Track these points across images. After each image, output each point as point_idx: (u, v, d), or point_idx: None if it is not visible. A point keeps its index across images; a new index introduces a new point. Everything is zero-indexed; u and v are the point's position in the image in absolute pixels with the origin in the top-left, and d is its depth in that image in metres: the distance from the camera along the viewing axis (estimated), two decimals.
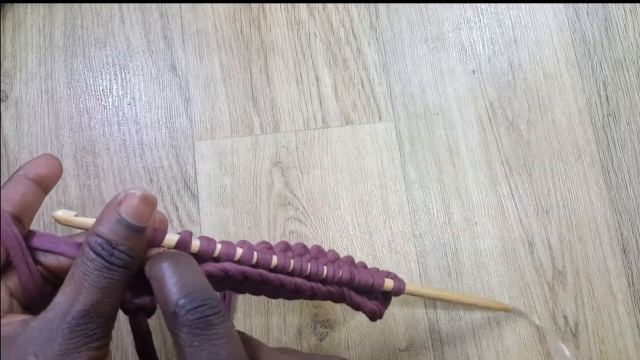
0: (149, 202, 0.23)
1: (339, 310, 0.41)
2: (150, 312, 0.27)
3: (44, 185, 0.25)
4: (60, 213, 0.24)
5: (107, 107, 0.44)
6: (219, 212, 0.43)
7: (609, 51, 0.46)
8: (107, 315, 0.22)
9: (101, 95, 0.44)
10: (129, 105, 0.44)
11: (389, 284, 0.32)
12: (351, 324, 0.41)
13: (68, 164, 0.43)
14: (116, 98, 0.44)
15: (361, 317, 0.41)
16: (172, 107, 0.44)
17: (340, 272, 0.29)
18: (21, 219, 0.24)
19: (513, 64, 0.46)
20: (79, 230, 0.25)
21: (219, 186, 0.43)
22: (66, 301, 0.21)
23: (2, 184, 0.24)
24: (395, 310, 0.41)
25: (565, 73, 0.46)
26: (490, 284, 0.42)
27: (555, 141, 0.45)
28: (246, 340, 0.24)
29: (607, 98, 0.46)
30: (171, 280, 0.21)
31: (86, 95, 0.44)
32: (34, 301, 0.24)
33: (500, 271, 0.42)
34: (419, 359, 0.41)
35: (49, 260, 0.24)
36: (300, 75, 0.45)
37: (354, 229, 0.43)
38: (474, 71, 0.46)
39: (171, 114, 0.44)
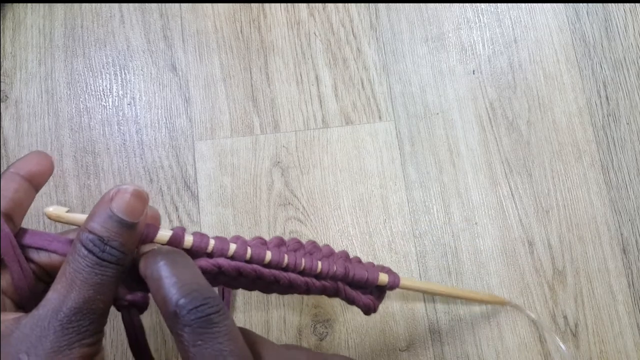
0: (141, 197, 0.23)
1: (339, 310, 0.41)
2: (142, 308, 0.26)
3: (35, 182, 0.25)
4: (52, 209, 0.24)
5: (107, 107, 0.44)
6: (219, 212, 0.43)
7: (609, 51, 0.46)
8: (99, 311, 0.22)
9: (101, 95, 0.44)
10: (129, 105, 0.44)
11: (383, 278, 0.31)
12: (351, 324, 0.41)
13: (68, 164, 0.43)
14: (116, 98, 0.44)
15: (361, 318, 0.41)
16: (172, 107, 0.44)
17: (335, 267, 0.29)
18: (12, 217, 0.24)
19: (513, 64, 0.46)
20: (74, 228, 0.25)
21: (219, 186, 0.43)
22: (57, 298, 0.21)
23: None
24: (395, 311, 0.41)
25: (565, 73, 0.46)
26: (490, 284, 0.42)
27: (555, 141, 0.45)
28: (248, 336, 0.24)
29: (607, 98, 0.46)
30: (170, 281, 0.21)
31: (86, 95, 0.44)
32: (26, 299, 0.24)
33: (500, 271, 0.42)
34: (419, 359, 0.41)
35: (41, 257, 0.24)
36: (300, 75, 0.45)
37: (354, 229, 0.43)
38: (474, 71, 0.46)
39: (171, 114, 0.44)
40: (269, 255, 0.27)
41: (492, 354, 0.41)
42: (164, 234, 0.25)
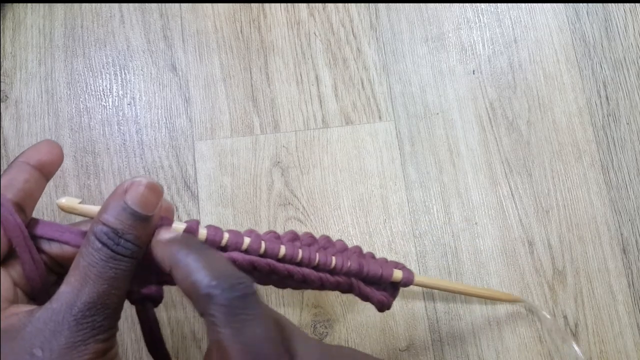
0: (155, 190, 0.22)
1: (339, 310, 0.41)
2: (156, 301, 0.26)
3: (46, 171, 0.24)
4: (64, 200, 0.23)
5: (107, 107, 0.44)
6: (219, 212, 0.43)
7: (609, 51, 0.46)
8: (113, 306, 0.21)
9: (101, 95, 0.44)
10: (129, 105, 0.44)
11: (397, 274, 0.31)
12: (351, 324, 0.41)
13: (68, 164, 0.43)
14: (116, 98, 0.44)
15: (361, 317, 0.41)
16: (172, 107, 0.44)
17: (349, 263, 0.29)
18: (23, 207, 0.23)
19: (513, 64, 0.46)
20: (85, 219, 0.25)
21: (219, 186, 0.43)
22: (71, 292, 0.21)
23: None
24: (395, 311, 0.41)
25: (565, 73, 0.46)
26: (490, 284, 0.42)
27: (555, 141, 0.45)
28: (283, 325, 0.23)
29: (607, 98, 0.46)
30: (199, 264, 0.21)
31: (86, 95, 0.44)
32: (38, 291, 0.23)
33: (500, 271, 0.42)
34: (419, 359, 0.41)
35: (53, 248, 0.24)
36: (300, 75, 0.45)
37: (354, 229, 0.43)
38: (474, 71, 0.46)
39: (171, 114, 0.44)
40: (283, 250, 0.27)
41: (492, 354, 0.41)
42: (178, 226, 0.24)
